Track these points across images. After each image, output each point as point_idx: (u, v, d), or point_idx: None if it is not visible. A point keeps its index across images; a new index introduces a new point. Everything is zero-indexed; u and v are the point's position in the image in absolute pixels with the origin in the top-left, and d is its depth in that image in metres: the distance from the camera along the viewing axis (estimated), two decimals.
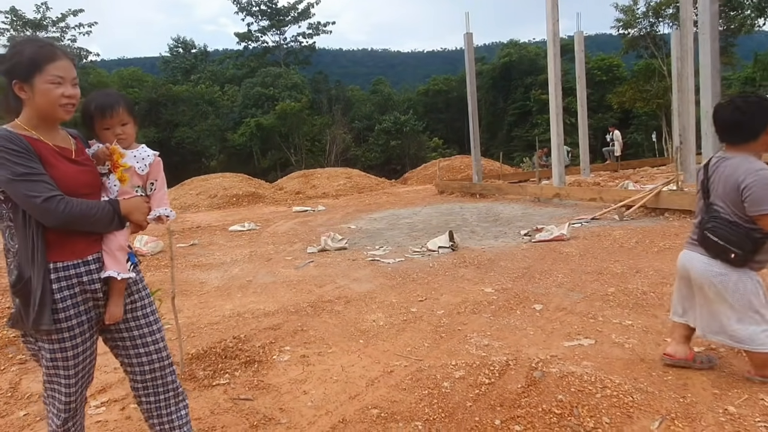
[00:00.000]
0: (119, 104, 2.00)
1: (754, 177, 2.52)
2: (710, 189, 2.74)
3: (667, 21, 29.88)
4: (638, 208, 8.28)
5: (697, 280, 2.79)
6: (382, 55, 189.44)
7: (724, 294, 2.67)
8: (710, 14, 7.48)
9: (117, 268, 1.90)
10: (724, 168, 2.67)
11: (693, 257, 2.81)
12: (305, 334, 4.01)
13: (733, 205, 2.61)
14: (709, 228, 2.67)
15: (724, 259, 2.66)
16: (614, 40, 38.36)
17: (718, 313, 2.72)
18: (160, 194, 2.08)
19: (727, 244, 2.62)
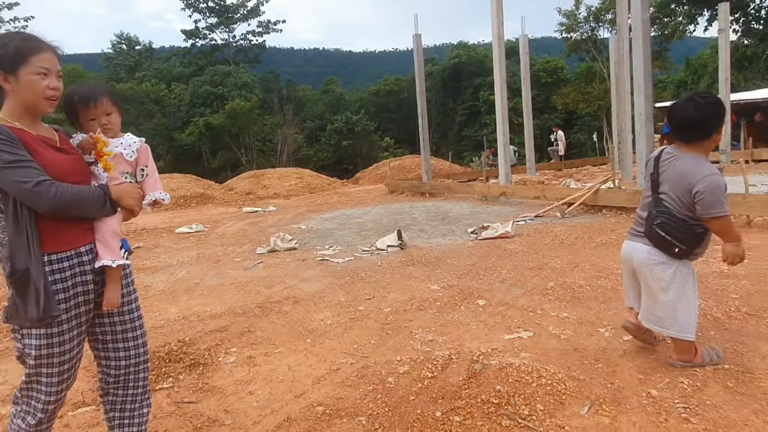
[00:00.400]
0: (103, 94, 2.02)
1: (705, 183, 2.63)
2: (660, 183, 2.85)
3: (606, 26, 31.13)
4: (578, 206, 8.62)
5: (638, 268, 2.94)
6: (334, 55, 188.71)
7: (660, 282, 2.83)
8: (642, 21, 7.89)
9: (111, 255, 1.91)
10: (677, 167, 2.77)
11: (635, 247, 2.96)
12: (252, 335, 4.00)
13: (683, 204, 2.73)
14: (658, 224, 2.78)
15: (668, 252, 2.80)
16: (558, 44, 39.64)
17: (653, 301, 2.89)
18: (153, 179, 2.11)
19: (673, 239, 2.74)
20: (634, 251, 2.96)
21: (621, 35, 13.39)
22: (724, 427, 2.31)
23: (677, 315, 2.81)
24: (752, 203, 6.55)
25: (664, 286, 2.82)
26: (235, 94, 37.42)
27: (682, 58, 36.54)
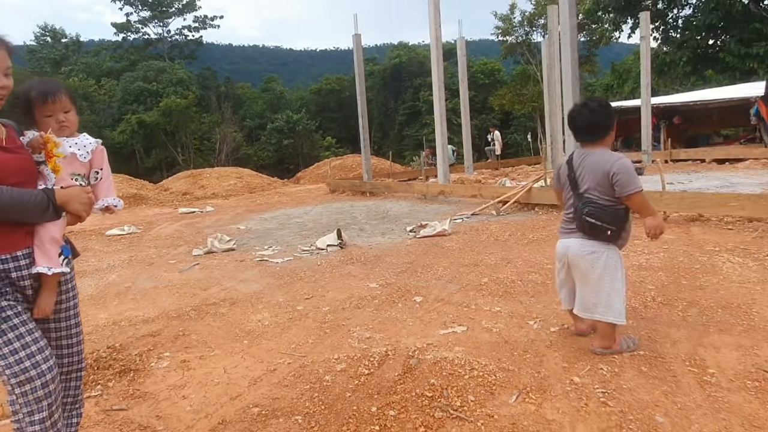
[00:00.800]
0: (61, 91, 1.94)
1: (618, 166, 2.93)
2: (578, 181, 3.09)
3: (539, 30, 32.31)
4: (513, 204, 8.94)
5: (573, 261, 3.14)
6: (274, 52, 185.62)
7: (595, 270, 3.03)
8: (570, 27, 8.27)
9: (47, 262, 1.83)
10: (591, 161, 3.04)
11: (569, 243, 3.16)
12: (187, 338, 3.91)
13: (604, 190, 2.98)
14: (587, 213, 2.99)
15: (601, 238, 3.02)
16: (495, 46, 40.78)
17: (590, 291, 3.07)
18: (107, 183, 2.04)
19: (603, 223, 2.97)
20: (569, 247, 3.15)
21: (552, 40, 13.96)
22: (638, 409, 2.48)
23: (612, 301, 3.02)
24: (668, 200, 7.01)
25: (599, 274, 3.02)
26: (170, 91, 36.17)
27: (609, 62, 38.44)
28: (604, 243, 3.04)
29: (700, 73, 25.14)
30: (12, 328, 1.77)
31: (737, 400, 2.51)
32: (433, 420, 2.51)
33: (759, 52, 22.64)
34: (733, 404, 2.47)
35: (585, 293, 3.11)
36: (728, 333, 3.29)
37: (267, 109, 44.00)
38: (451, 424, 2.47)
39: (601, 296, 3.02)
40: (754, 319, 3.48)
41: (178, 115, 33.68)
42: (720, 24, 24.30)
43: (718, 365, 2.87)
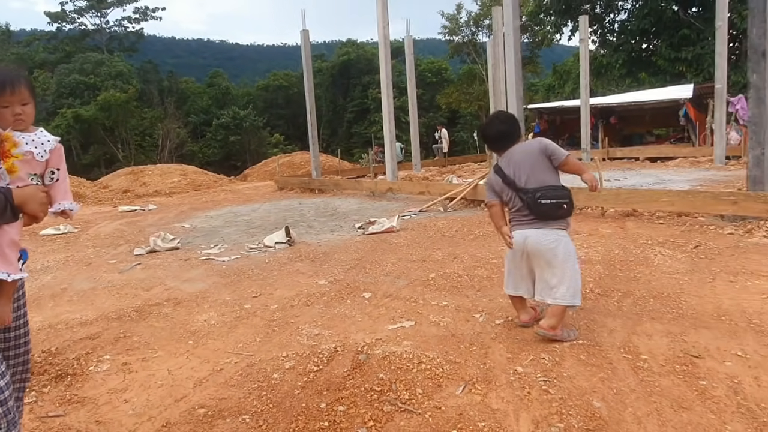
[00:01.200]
0: (21, 82, 1.80)
1: (545, 142, 3.34)
2: (516, 180, 3.27)
3: (485, 31, 32.98)
4: (459, 200, 9.11)
5: (533, 250, 3.28)
6: (219, 47, 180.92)
7: (557, 256, 3.20)
8: (513, 28, 8.50)
9: (6, 268, 1.70)
10: (517, 155, 3.32)
11: (527, 233, 3.29)
12: (128, 340, 3.78)
13: (542, 170, 3.24)
14: (539, 196, 3.19)
15: (560, 215, 3.24)
16: (442, 45, 41.33)
17: (551, 275, 3.23)
18: (63, 185, 1.90)
19: (558, 200, 3.19)
20: (527, 236, 3.29)
21: (497, 40, 14.29)
22: (577, 395, 2.60)
23: (574, 283, 3.23)
24: (606, 196, 7.33)
25: (563, 258, 3.21)
26: (109, 85, 34.71)
27: (550, 63, 39.71)
28: (560, 230, 3.27)
29: (635, 76, 26.37)
30: None
31: (667, 383, 2.67)
32: (382, 414, 2.54)
33: (687, 57, 23.99)
34: (663, 388, 2.62)
35: (548, 277, 3.25)
36: (659, 321, 3.49)
37: (212, 104, 42.93)
38: (400, 417, 2.50)
39: (565, 278, 3.20)
40: (682, 308, 3.69)
41: (118, 109, 32.38)
42: (652, 29, 25.59)
43: (650, 351, 3.03)
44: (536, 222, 3.26)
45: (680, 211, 6.79)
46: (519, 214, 3.35)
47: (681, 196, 6.80)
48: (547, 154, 3.25)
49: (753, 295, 3.86)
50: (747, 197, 6.08)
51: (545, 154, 3.25)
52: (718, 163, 13.72)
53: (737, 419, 2.32)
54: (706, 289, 4.05)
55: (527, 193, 3.23)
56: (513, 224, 3.41)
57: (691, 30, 24.08)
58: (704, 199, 6.50)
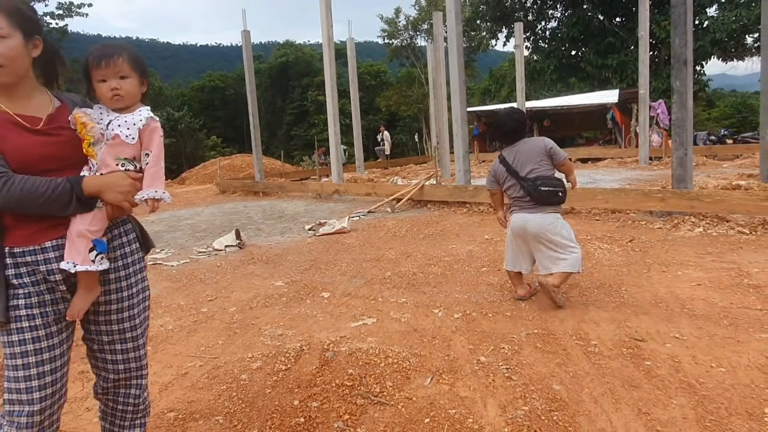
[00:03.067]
0: (120, 54, 1.65)
1: (549, 143, 3.86)
2: (518, 170, 3.83)
3: (423, 35, 33.58)
4: (406, 201, 9.28)
5: (535, 232, 3.80)
6: (150, 46, 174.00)
7: (557, 235, 3.77)
8: (456, 33, 8.77)
9: (73, 258, 1.57)
10: (523, 150, 3.86)
11: (527, 217, 3.82)
12: (80, 349, 3.63)
13: (544, 164, 3.80)
14: (540, 184, 3.73)
15: (555, 201, 3.78)
16: (381, 48, 41.70)
17: (555, 252, 3.78)
18: (154, 170, 1.67)
19: (554, 188, 3.75)
20: (527, 220, 3.82)
21: (437, 44, 14.64)
22: (537, 380, 2.77)
23: (575, 255, 3.77)
24: None
25: (563, 236, 3.78)
26: None
27: (485, 68, 40.94)
28: (556, 213, 3.82)
29: (565, 81, 27.68)
30: (19, 331, 1.56)
31: (617, 365, 2.89)
32: (356, 407, 2.61)
33: (612, 63, 25.45)
34: (614, 369, 2.84)
35: (552, 252, 3.79)
36: (604, 309, 3.75)
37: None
38: (374, 410, 2.58)
39: (567, 251, 3.76)
40: (623, 296, 3.98)
41: None
42: (581, 37, 26.95)
43: (599, 337, 3.26)
44: (535, 207, 3.79)
45: (614, 208, 7.24)
46: (520, 200, 3.87)
47: (614, 194, 7.25)
48: (550, 153, 3.81)
49: (684, 283, 4.21)
50: (673, 194, 6.57)
51: (548, 153, 3.80)
52: (642, 163, 14.65)
53: (680, 394, 2.55)
54: (642, 279, 4.38)
55: (528, 182, 3.77)
56: (513, 209, 3.95)
57: (616, 38, 25.57)
58: (635, 197, 6.96)
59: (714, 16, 23.61)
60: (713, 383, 2.62)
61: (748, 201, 5.97)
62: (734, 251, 5.06)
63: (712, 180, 9.75)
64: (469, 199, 8.59)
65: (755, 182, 8.71)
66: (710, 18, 23.58)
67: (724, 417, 2.34)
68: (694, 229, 6.00)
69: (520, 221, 3.85)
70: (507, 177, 3.90)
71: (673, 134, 6.89)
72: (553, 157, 3.82)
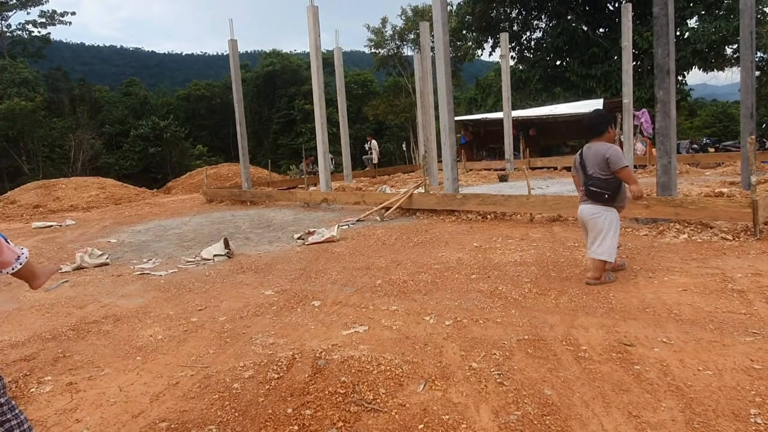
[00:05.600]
0: None
1: (611, 151, 4.40)
2: (586, 165, 4.53)
3: (409, 44, 33.80)
4: (395, 210, 9.31)
5: (584, 220, 4.61)
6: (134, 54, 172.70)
7: (596, 225, 4.45)
8: (443, 43, 8.86)
9: None
10: (592, 151, 4.50)
11: (582, 208, 4.62)
12: (69, 359, 3.61)
13: (601, 169, 4.42)
14: (590, 184, 4.48)
15: (602, 201, 4.45)
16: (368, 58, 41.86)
17: (594, 239, 4.47)
18: None
19: (601, 189, 4.43)
20: (583, 210, 4.62)
21: (424, 54, 14.75)
22: (529, 385, 2.79)
23: (609, 246, 4.41)
24: (533, 203, 7.78)
25: (601, 227, 4.44)
26: (13, 92, 32.27)
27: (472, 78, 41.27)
28: (604, 206, 4.46)
29: (550, 90, 27.97)
30: None
31: (607, 370, 2.92)
32: (350, 414, 2.61)
33: (596, 73, 25.81)
34: (604, 373, 2.88)
35: (591, 239, 4.53)
36: (593, 315, 3.79)
37: (129, 114, 40.97)
38: (367, 416, 2.59)
39: (599, 240, 4.43)
40: (611, 302, 4.03)
41: (24, 119, 30.14)
42: (565, 47, 27.31)
43: (588, 342, 3.30)
44: (588, 200, 4.54)
45: None
46: (582, 192, 4.63)
47: None
48: (607, 161, 4.38)
49: (670, 288, 4.28)
50: (658, 201, 6.67)
51: (605, 160, 4.38)
52: None
53: (669, 396, 2.60)
54: (630, 285, 4.44)
55: (587, 178, 4.52)
56: (581, 198, 4.68)
57: (600, 49, 25.95)
58: None
59: (695, 27, 24.07)
60: (700, 386, 2.67)
61: (730, 208, 6.08)
62: (718, 257, 5.15)
63: (696, 188, 9.93)
64: (457, 207, 8.64)
65: (737, 189, 8.88)
66: (691, 29, 24.04)
67: (711, 419, 2.38)
68: (679, 236, 6.10)
69: (579, 209, 4.68)
70: (579, 169, 4.69)
71: (657, 143, 7.01)
72: (608, 163, 4.37)
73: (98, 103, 41.96)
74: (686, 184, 10.35)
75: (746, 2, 9.00)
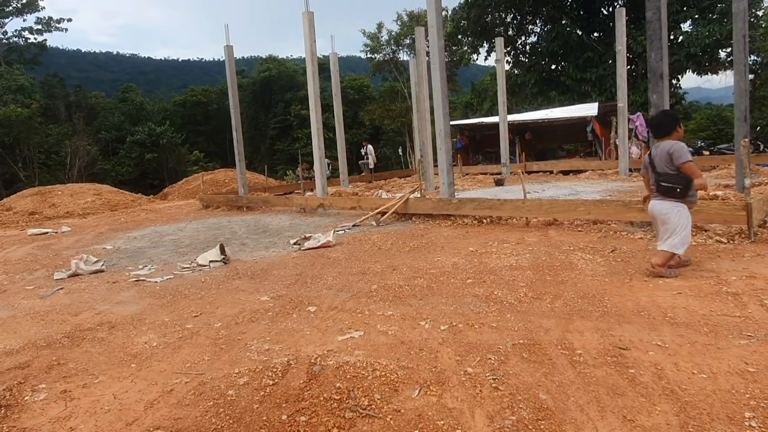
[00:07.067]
0: None
1: (675, 146, 4.64)
2: (655, 164, 4.78)
3: (405, 49, 33.91)
4: (391, 214, 9.32)
5: (655, 214, 4.83)
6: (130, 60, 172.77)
7: (669, 220, 4.67)
8: (438, 48, 8.89)
9: None
10: (660, 150, 4.75)
11: (654, 204, 4.85)
12: (63, 367, 3.59)
13: (669, 165, 4.66)
14: (662, 180, 4.73)
15: (673, 195, 4.66)
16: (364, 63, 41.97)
17: (664, 232, 4.70)
18: None
19: (673, 184, 4.66)
20: (654, 206, 4.85)
21: (420, 59, 14.81)
22: (524, 390, 2.79)
23: (680, 240, 4.63)
24: (529, 207, 7.80)
25: (674, 223, 4.65)
26: (9, 99, 32.22)
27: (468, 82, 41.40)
28: (675, 202, 4.67)
29: (546, 94, 28.10)
30: None
31: (602, 374, 2.93)
32: (345, 420, 2.61)
33: (591, 77, 25.93)
34: (599, 378, 2.88)
35: (662, 232, 4.76)
36: (588, 319, 3.80)
37: (126, 120, 40.95)
38: (362, 423, 2.58)
39: (670, 233, 4.66)
40: (606, 306, 4.04)
41: (20, 125, 30.07)
42: (560, 51, 27.44)
43: (583, 346, 3.31)
44: (659, 196, 4.78)
45: (596, 219, 7.35)
46: (653, 189, 4.86)
47: (596, 205, 7.36)
48: (671, 157, 4.62)
49: (665, 292, 4.29)
50: None
51: (669, 156, 4.63)
52: (623, 174, 14.90)
53: (664, 400, 2.60)
54: (625, 289, 4.45)
55: (657, 175, 4.77)
56: (652, 195, 4.93)
57: (594, 53, 26.09)
58: (616, 208, 7.08)
59: (688, 31, 24.23)
60: (695, 389, 2.68)
61: (725, 211, 6.10)
62: (713, 260, 5.17)
63: None
64: (453, 211, 8.66)
65: (731, 192, 8.91)
66: (685, 33, 24.19)
67: (706, 422, 2.38)
68: None
69: (650, 205, 4.90)
70: (648, 168, 4.92)
71: (651, 146, 7.04)
72: (672, 158, 4.60)
73: (94, 109, 41.92)
74: None
75: (739, 6, 9.06)
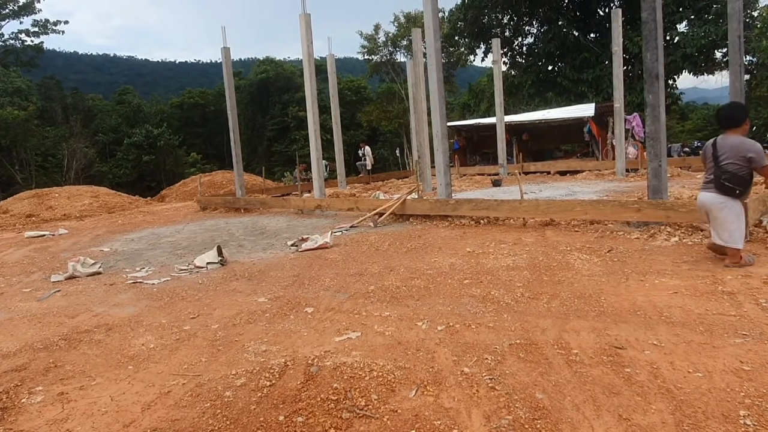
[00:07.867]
0: None
1: (754, 149, 4.58)
2: (719, 156, 4.69)
3: (402, 51, 33.95)
4: (389, 215, 9.32)
5: (708, 208, 4.83)
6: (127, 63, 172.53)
7: (723, 214, 4.69)
8: (435, 49, 8.91)
9: None
10: (731, 143, 4.66)
11: (706, 195, 4.86)
12: (60, 369, 3.59)
13: (739, 163, 4.59)
14: (725, 179, 4.66)
15: (729, 195, 4.65)
16: (361, 64, 42.00)
17: (719, 226, 4.74)
18: None
19: (734, 186, 4.63)
20: (706, 198, 4.85)
21: (417, 60, 14.83)
22: (521, 390, 2.80)
23: (734, 234, 4.66)
24: (526, 208, 7.82)
25: (725, 216, 4.68)
26: (6, 101, 32.15)
27: (465, 83, 41.46)
28: (729, 197, 4.66)
29: (542, 95, 28.16)
30: None
31: (598, 373, 2.94)
32: (342, 421, 2.61)
33: (588, 78, 25.99)
34: (595, 377, 2.89)
35: (716, 226, 4.79)
36: (584, 319, 3.81)
37: (123, 122, 40.93)
38: (359, 423, 2.59)
39: (725, 228, 4.70)
40: (603, 306, 4.05)
41: (17, 128, 30.01)
42: (557, 52, 27.51)
43: (579, 346, 3.32)
44: (712, 189, 4.77)
45: (592, 219, 7.37)
46: (707, 180, 4.83)
47: (592, 205, 7.38)
48: (749, 160, 4.57)
49: (661, 291, 4.31)
50: (649, 205, 6.72)
51: (747, 158, 4.57)
52: (619, 175, 14.94)
53: (659, 399, 2.61)
54: (621, 288, 4.46)
55: (721, 171, 4.68)
56: (701, 187, 4.95)
57: (591, 54, 26.15)
58: (613, 208, 7.10)
59: (684, 31, 24.31)
60: (690, 388, 2.69)
61: None
62: (709, 259, 5.19)
63: (687, 190, 9.99)
64: (450, 212, 8.67)
65: None
66: (681, 33, 24.26)
67: (701, 421, 2.39)
68: (670, 239, 6.14)
69: (700, 198, 4.93)
70: (710, 159, 4.81)
71: (647, 146, 7.06)
72: (750, 161, 4.58)
73: (91, 111, 41.87)
74: (677, 187, 10.42)
75: (734, 7, 9.11)
